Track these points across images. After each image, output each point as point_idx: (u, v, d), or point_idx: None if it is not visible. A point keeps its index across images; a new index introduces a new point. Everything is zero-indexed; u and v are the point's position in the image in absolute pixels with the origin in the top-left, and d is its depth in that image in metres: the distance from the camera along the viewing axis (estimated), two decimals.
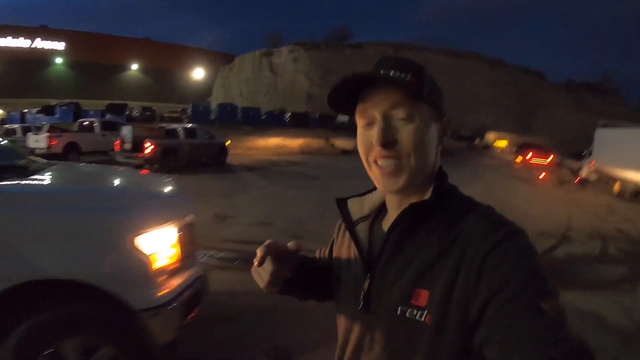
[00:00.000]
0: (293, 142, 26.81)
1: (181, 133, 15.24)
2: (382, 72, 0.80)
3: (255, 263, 0.84)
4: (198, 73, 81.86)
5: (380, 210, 0.94)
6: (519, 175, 19.44)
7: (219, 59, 76.65)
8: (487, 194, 11.41)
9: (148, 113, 34.22)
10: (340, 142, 28.35)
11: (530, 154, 25.16)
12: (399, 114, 0.78)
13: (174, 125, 16.57)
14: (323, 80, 49.24)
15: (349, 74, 0.79)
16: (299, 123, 34.50)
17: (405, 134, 0.78)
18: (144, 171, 7.34)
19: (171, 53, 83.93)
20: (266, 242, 0.83)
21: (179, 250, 2.46)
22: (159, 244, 2.32)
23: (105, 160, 14.35)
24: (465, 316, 0.70)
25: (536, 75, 59.06)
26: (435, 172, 0.84)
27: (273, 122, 34.14)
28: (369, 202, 0.95)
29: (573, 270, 6.17)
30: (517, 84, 52.56)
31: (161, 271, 2.32)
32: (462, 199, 0.83)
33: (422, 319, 0.73)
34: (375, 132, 0.78)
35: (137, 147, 13.95)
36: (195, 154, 15.57)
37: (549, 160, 25.31)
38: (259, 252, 0.83)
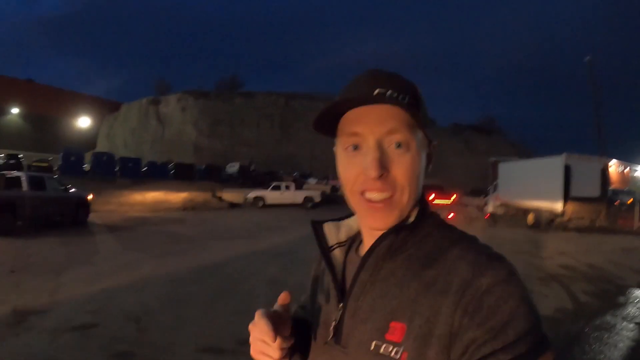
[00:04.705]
0: (175, 197, 24.86)
1: (25, 183, 12.39)
2: (378, 90, 0.70)
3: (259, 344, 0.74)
4: (84, 121, 75.73)
5: (358, 236, 0.85)
6: None
7: (107, 106, 72.27)
8: None
9: (13, 162, 29.78)
10: (229, 195, 27.27)
11: (433, 195, 26.00)
12: (395, 141, 0.70)
13: (15, 173, 13.41)
14: (212, 131, 48.31)
15: (344, 95, 0.72)
16: (184, 175, 32.79)
17: (402, 165, 0.70)
18: None
19: (55, 98, 76.01)
20: (258, 313, 0.74)
21: None
22: None
23: None
24: (446, 355, 0.62)
25: None
26: (419, 197, 0.76)
27: (155, 174, 31.89)
28: (345, 228, 0.87)
29: (582, 348, 4.72)
30: None
31: None
32: (446, 227, 0.76)
33: (398, 356, 0.65)
34: (369, 161, 0.69)
35: None
36: (43, 211, 12.97)
37: (452, 199, 26.56)
38: (261, 327, 0.72)
